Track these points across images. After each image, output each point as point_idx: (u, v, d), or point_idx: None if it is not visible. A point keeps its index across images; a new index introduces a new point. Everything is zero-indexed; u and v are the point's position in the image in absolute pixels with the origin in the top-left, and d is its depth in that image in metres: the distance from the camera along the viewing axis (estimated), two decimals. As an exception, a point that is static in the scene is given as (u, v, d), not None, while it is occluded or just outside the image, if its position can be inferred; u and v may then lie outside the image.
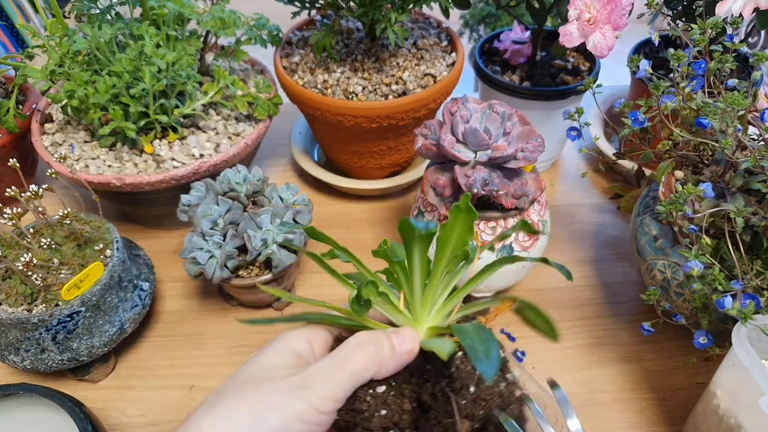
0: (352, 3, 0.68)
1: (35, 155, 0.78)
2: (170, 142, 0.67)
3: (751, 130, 0.51)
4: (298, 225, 0.61)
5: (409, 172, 0.80)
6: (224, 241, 0.58)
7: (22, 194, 0.53)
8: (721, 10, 0.56)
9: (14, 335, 0.53)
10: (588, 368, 0.61)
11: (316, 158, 0.84)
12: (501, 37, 0.82)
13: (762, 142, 0.49)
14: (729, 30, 0.55)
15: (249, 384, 0.33)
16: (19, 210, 0.53)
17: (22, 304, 0.52)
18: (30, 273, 0.50)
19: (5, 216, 0.52)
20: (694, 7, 0.57)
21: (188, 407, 0.58)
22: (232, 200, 0.60)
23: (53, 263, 0.54)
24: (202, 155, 0.67)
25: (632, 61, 0.57)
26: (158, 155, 0.66)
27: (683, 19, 0.66)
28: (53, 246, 0.55)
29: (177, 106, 0.66)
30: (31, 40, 0.67)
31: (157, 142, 0.67)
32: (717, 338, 0.48)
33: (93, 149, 0.67)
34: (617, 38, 0.58)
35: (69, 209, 0.55)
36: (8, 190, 0.53)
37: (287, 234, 0.59)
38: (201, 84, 0.72)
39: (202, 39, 0.72)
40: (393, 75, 0.71)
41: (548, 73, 0.79)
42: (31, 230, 0.57)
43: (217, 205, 0.60)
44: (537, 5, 0.71)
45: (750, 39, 0.72)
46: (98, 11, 0.68)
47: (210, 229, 0.58)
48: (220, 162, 0.65)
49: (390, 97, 0.69)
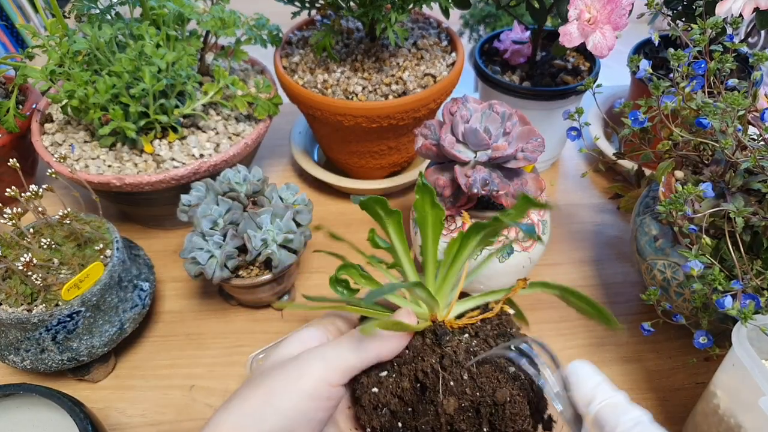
0: (352, 3, 0.68)
1: (35, 155, 0.78)
2: (170, 142, 0.67)
3: (751, 130, 0.51)
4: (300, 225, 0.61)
5: (409, 172, 0.80)
6: (224, 241, 0.58)
7: (22, 194, 0.53)
8: (721, 10, 0.55)
9: (14, 335, 0.53)
10: (588, 368, 0.61)
11: (316, 158, 0.84)
12: (501, 37, 0.82)
13: (762, 142, 0.49)
14: (729, 30, 0.55)
15: (264, 374, 0.34)
16: (19, 210, 0.53)
17: (22, 304, 0.52)
18: (30, 273, 0.50)
19: (5, 216, 0.52)
20: (694, 7, 0.57)
21: (188, 407, 0.58)
22: (232, 200, 0.60)
23: (53, 263, 0.54)
24: (202, 155, 0.67)
25: (632, 61, 0.57)
26: (158, 155, 0.66)
27: (683, 19, 0.66)
28: (53, 246, 0.55)
29: (177, 106, 0.66)
30: (31, 40, 0.67)
31: (157, 142, 0.67)
32: (717, 338, 0.48)
33: (93, 149, 0.67)
34: (617, 38, 0.58)
35: (69, 209, 0.55)
36: (8, 190, 0.53)
37: (287, 234, 0.59)
38: (201, 84, 0.72)
39: (202, 39, 0.72)
40: (393, 75, 0.71)
41: (548, 73, 0.79)
42: (31, 230, 0.57)
43: (217, 205, 0.60)
44: (537, 5, 0.71)
45: (750, 39, 0.72)
46: (98, 11, 0.68)
47: (210, 229, 0.58)
48: (220, 162, 0.65)
49: (390, 97, 0.69)
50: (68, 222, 0.55)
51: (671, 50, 0.52)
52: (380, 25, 0.66)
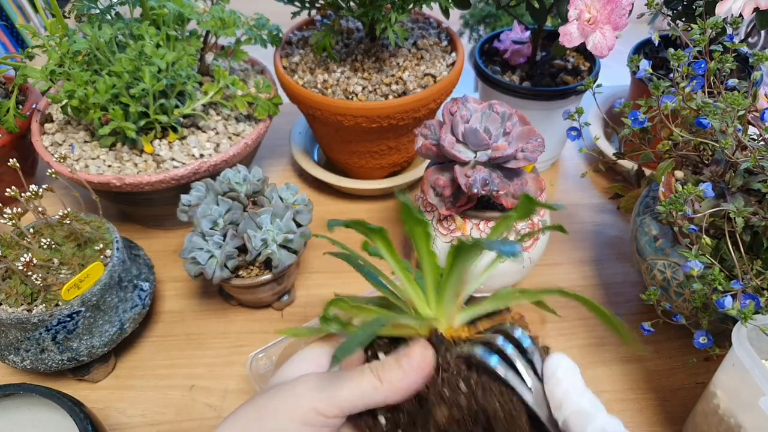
0: (352, 3, 0.68)
1: (35, 155, 0.78)
2: (170, 142, 0.67)
3: (751, 130, 0.51)
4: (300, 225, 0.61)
5: (409, 172, 0.80)
6: (224, 241, 0.58)
7: (22, 194, 0.53)
8: (721, 10, 0.56)
9: (14, 335, 0.53)
10: (588, 368, 0.61)
11: (316, 158, 0.84)
12: (501, 37, 0.82)
13: (762, 142, 0.49)
14: (729, 30, 0.55)
15: (265, 393, 0.33)
16: (19, 210, 0.53)
17: (22, 304, 0.52)
18: (30, 273, 0.50)
19: (5, 216, 0.52)
20: (694, 7, 0.57)
21: (188, 407, 0.58)
22: (232, 200, 0.60)
23: (53, 263, 0.54)
24: (202, 155, 0.67)
25: (632, 61, 0.57)
26: (158, 155, 0.66)
27: (683, 19, 0.66)
28: (53, 246, 0.55)
29: (177, 106, 0.66)
30: (31, 40, 0.67)
31: (157, 142, 0.67)
32: (717, 338, 0.48)
33: (93, 149, 0.67)
34: (617, 38, 0.58)
35: (69, 209, 0.55)
36: (8, 190, 0.53)
37: (287, 234, 0.59)
38: (201, 84, 0.72)
39: (202, 39, 0.72)
40: (393, 75, 0.71)
41: (548, 73, 0.79)
42: (31, 230, 0.57)
43: (217, 205, 0.60)
44: (537, 5, 0.71)
45: (750, 39, 0.72)
46: (98, 11, 0.68)
47: (210, 229, 0.58)
48: (220, 162, 0.65)
49: (390, 97, 0.69)
50: (68, 222, 0.55)
51: (671, 50, 0.52)
52: (380, 25, 0.66)
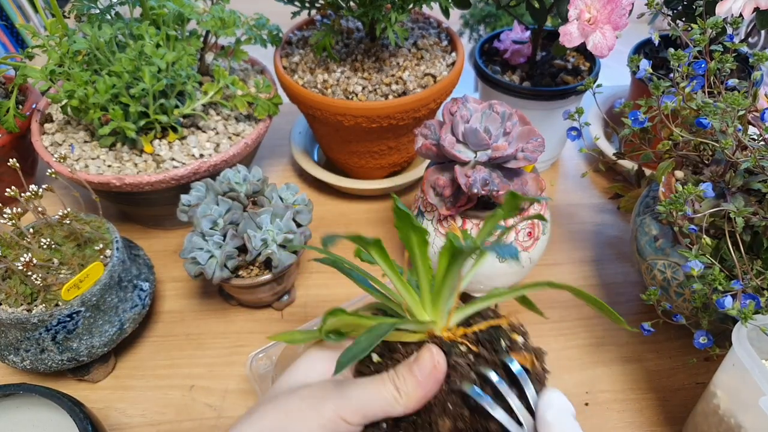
0: (352, 3, 0.68)
1: (35, 155, 0.78)
2: (170, 142, 0.67)
3: (751, 130, 0.51)
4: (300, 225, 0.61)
5: (409, 172, 0.80)
6: (224, 241, 0.58)
7: (22, 194, 0.53)
8: (721, 10, 0.55)
9: (14, 335, 0.53)
10: (588, 368, 0.61)
11: (316, 158, 0.84)
12: (501, 37, 0.82)
13: (762, 142, 0.49)
14: (729, 30, 0.55)
15: (284, 394, 0.34)
16: (19, 210, 0.53)
17: (22, 304, 0.52)
18: (30, 273, 0.50)
19: (5, 216, 0.52)
20: (694, 7, 0.57)
21: (188, 407, 0.58)
22: (232, 200, 0.60)
23: (53, 263, 0.54)
24: (202, 155, 0.67)
25: (632, 61, 0.57)
26: (158, 155, 0.66)
27: (683, 19, 0.66)
28: (53, 246, 0.55)
29: (177, 106, 0.66)
30: (31, 40, 0.67)
31: (157, 142, 0.67)
32: (717, 338, 0.48)
33: (93, 149, 0.67)
34: (617, 38, 0.58)
35: (69, 209, 0.55)
36: (8, 190, 0.53)
37: (287, 234, 0.59)
38: (201, 84, 0.72)
39: (202, 39, 0.72)
40: (393, 75, 0.71)
41: (548, 73, 0.79)
42: (31, 230, 0.57)
43: (217, 205, 0.60)
44: (537, 5, 0.71)
45: (750, 39, 0.72)
46: (98, 11, 0.68)
47: (210, 229, 0.58)
48: (220, 162, 0.65)
49: (390, 97, 0.69)
50: (68, 222, 0.55)
51: (671, 50, 0.52)
52: (380, 25, 0.66)
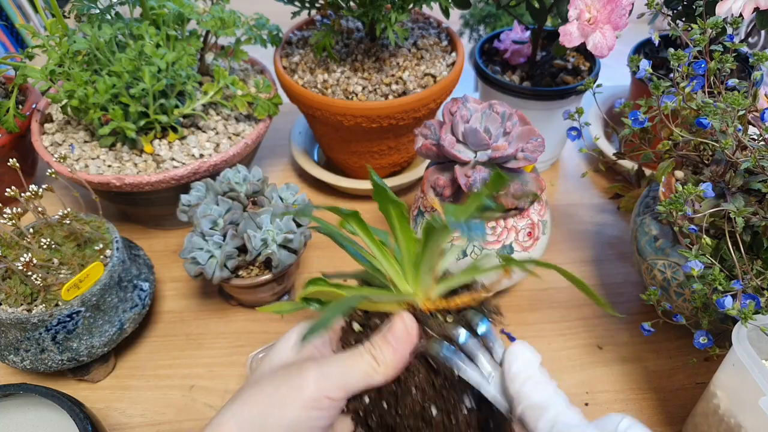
0: (352, 3, 0.68)
1: (35, 155, 0.78)
2: (170, 142, 0.67)
3: (751, 130, 0.51)
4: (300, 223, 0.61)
5: (409, 172, 0.80)
6: (224, 241, 0.58)
7: (22, 194, 0.53)
8: (721, 10, 0.55)
9: (14, 335, 0.53)
10: (588, 368, 0.61)
11: (316, 158, 0.84)
12: (501, 37, 0.82)
13: (762, 142, 0.49)
14: (729, 30, 0.55)
15: (265, 378, 0.34)
16: (19, 210, 0.53)
17: (22, 304, 0.52)
18: (30, 273, 0.50)
19: (5, 216, 0.52)
20: (694, 7, 0.57)
21: (188, 407, 0.58)
22: (232, 200, 0.60)
23: (53, 263, 0.54)
24: (202, 155, 0.67)
25: (632, 61, 0.57)
26: (158, 155, 0.66)
27: (683, 19, 0.66)
28: (53, 246, 0.55)
29: (177, 106, 0.66)
30: (31, 40, 0.67)
31: (157, 142, 0.67)
32: (717, 338, 0.48)
33: (93, 149, 0.67)
34: (617, 38, 0.58)
35: (69, 209, 0.55)
36: (8, 190, 0.53)
37: (287, 234, 0.59)
38: (201, 84, 0.72)
39: (202, 39, 0.72)
40: (393, 75, 0.71)
41: (548, 73, 0.79)
42: (31, 230, 0.57)
43: (217, 205, 0.60)
44: (537, 5, 0.71)
45: (750, 39, 0.72)
46: (98, 11, 0.68)
47: (210, 229, 0.58)
48: (220, 162, 0.65)
49: (390, 97, 0.69)
50: (68, 222, 0.55)
51: (671, 50, 0.52)
52: (380, 25, 0.66)
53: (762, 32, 0.82)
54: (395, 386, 0.34)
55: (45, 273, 0.52)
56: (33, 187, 0.53)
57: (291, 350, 0.37)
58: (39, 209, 0.55)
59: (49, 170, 0.58)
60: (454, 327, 0.34)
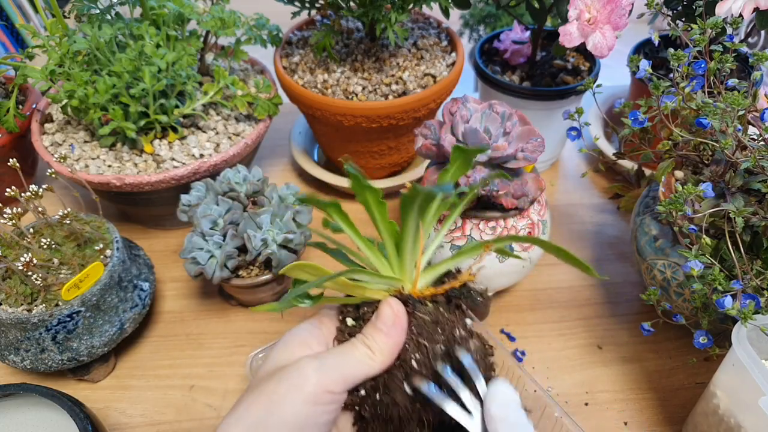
0: (352, 3, 0.68)
1: (35, 155, 0.78)
2: (170, 142, 0.67)
3: (751, 130, 0.51)
4: (300, 225, 0.61)
5: (409, 172, 0.80)
6: (224, 241, 0.58)
7: (22, 194, 0.53)
8: (721, 10, 0.56)
9: (14, 335, 0.53)
10: (588, 368, 0.61)
11: (316, 158, 0.84)
12: (501, 37, 0.82)
13: (762, 142, 0.49)
14: (729, 30, 0.55)
15: (265, 379, 0.34)
16: (19, 210, 0.53)
17: (22, 304, 0.52)
18: (30, 273, 0.50)
19: (5, 216, 0.52)
20: (694, 7, 0.57)
21: (188, 407, 0.58)
22: (232, 200, 0.60)
23: (53, 263, 0.54)
24: (202, 155, 0.67)
25: (632, 61, 0.57)
26: (158, 155, 0.66)
27: (683, 19, 0.66)
28: (53, 246, 0.55)
29: (177, 106, 0.66)
30: (31, 40, 0.67)
31: (157, 142, 0.67)
32: (717, 338, 0.48)
33: (93, 149, 0.67)
34: (617, 38, 0.58)
35: (69, 209, 0.55)
36: (8, 190, 0.53)
37: (287, 234, 0.59)
38: (201, 84, 0.72)
39: (202, 39, 0.72)
40: (393, 75, 0.71)
41: (548, 73, 0.79)
42: (31, 230, 0.57)
43: (217, 205, 0.60)
44: (537, 5, 0.71)
45: (750, 39, 0.72)
46: (98, 11, 0.68)
47: (210, 229, 0.58)
48: (220, 162, 0.65)
49: (390, 97, 0.69)
50: (68, 222, 0.55)
51: (671, 50, 0.52)
52: (380, 25, 0.66)
53: (762, 32, 0.82)
54: (386, 377, 0.35)
55: (45, 273, 0.52)
56: (33, 187, 0.53)
57: (296, 349, 0.37)
58: (39, 209, 0.55)
59: (49, 170, 0.58)
60: (440, 363, 0.35)
